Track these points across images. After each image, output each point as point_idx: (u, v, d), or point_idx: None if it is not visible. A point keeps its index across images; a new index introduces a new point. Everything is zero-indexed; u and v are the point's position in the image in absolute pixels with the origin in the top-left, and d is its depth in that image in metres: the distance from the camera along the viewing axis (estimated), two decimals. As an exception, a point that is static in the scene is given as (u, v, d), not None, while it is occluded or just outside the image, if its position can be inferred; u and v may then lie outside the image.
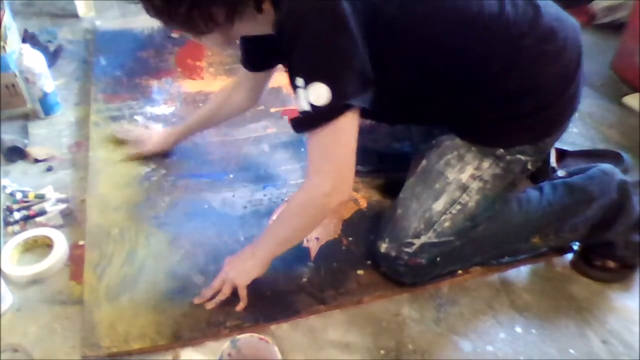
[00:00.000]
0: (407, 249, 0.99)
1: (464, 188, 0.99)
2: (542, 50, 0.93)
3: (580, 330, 0.98)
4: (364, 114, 0.87)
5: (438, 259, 1.02)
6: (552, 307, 1.03)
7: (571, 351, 0.95)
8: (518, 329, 0.98)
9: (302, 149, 1.40)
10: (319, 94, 0.80)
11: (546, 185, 1.10)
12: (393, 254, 1.01)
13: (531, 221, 1.06)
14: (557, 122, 1.00)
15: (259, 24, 0.87)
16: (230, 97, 1.28)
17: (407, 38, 0.89)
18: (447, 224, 0.99)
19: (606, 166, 1.10)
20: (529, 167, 1.01)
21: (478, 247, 1.06)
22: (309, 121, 0.84)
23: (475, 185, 0.99)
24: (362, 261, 1.09)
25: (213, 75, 1.74)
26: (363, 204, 1.25)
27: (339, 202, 0.89)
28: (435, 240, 0.99)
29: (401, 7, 0.86)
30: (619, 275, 1.07)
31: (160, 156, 1.36)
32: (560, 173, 1.16)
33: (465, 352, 0.95)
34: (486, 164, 0.99)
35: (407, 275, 1.03)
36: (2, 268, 1.05)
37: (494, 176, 0.99)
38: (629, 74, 1.73)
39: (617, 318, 1.00)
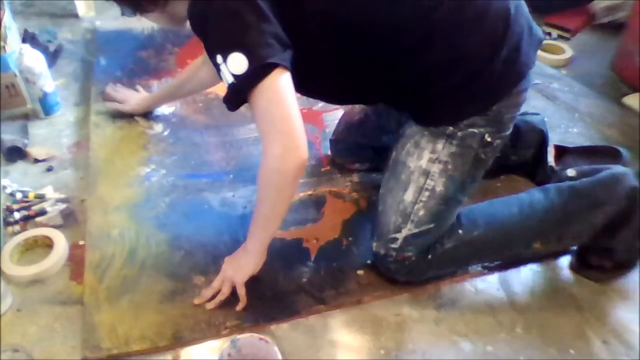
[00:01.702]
0: (392, 245, 1.00)
1: (426, 174, 0.99)
2: (458, 19, 0.91)
3: (580, 330, 0.98)
4: (318, 95, 0.92)
5: (430, 256, 1.01)
6: (552, 307, 1.03)
7: (571, 351, 0.95)
8: (518, 329, 0.98)
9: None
10: (237, 63, 0.82)
11: (552, 188, 1.07)
12: (382, 252, 1.01)
13: (533, 226, 1.04)
14: (497, 88, 0.95)
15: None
16: (197, 73, 1.37)
17: (313, 14, 0.89)
18: (421, 212, 0.99)
19: (618, 170, 1.06)
20: (489, 139, 0.98)
21: (476, 251, 1.05)
22: (236, 91, 0.85)
23: (436, 168, 0.99)
24: (362, 261, 1.09)
25: (213, 75, 1.74)
26: (363, 204, 1.25)
27: (295, 162, 0.85)
28: (416, 230, 0.99)
29: None
30: (617, 275, 1.07)
31: (161, 155, 1.37)
32: (570, 173, 1.12)
33: (465, 352, 0.95)
34: (440, 145, 0.98)
35: (399, 272, 1.02)
36: (2, 268, 1.05)
37: (452, 155, 0.98)
38: (629, 74, 1.73)
39: (617, 318, 1.01)
